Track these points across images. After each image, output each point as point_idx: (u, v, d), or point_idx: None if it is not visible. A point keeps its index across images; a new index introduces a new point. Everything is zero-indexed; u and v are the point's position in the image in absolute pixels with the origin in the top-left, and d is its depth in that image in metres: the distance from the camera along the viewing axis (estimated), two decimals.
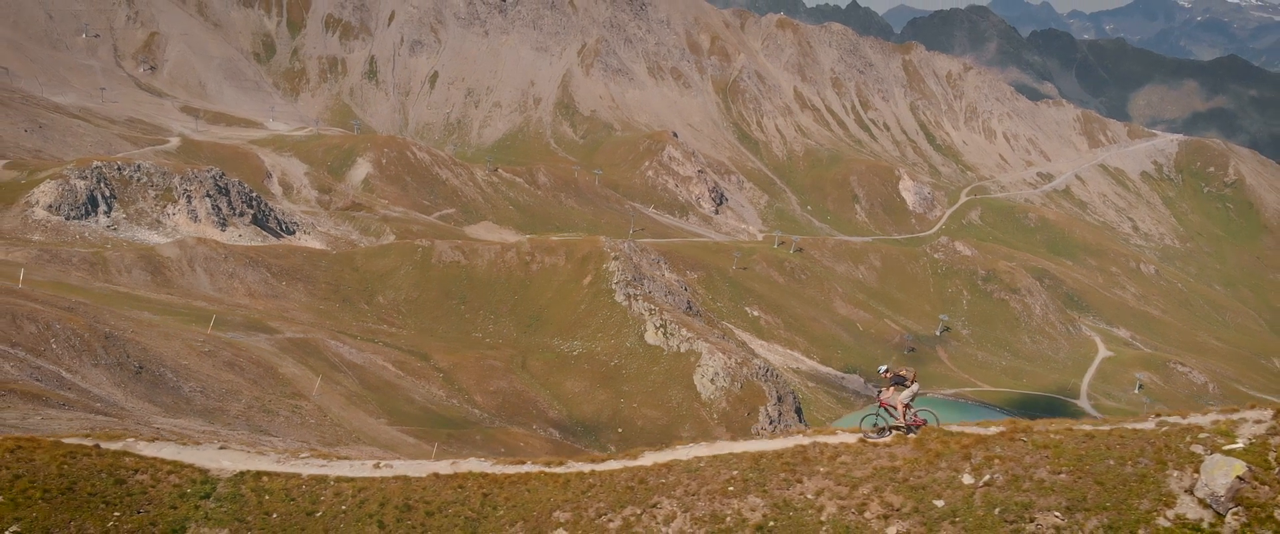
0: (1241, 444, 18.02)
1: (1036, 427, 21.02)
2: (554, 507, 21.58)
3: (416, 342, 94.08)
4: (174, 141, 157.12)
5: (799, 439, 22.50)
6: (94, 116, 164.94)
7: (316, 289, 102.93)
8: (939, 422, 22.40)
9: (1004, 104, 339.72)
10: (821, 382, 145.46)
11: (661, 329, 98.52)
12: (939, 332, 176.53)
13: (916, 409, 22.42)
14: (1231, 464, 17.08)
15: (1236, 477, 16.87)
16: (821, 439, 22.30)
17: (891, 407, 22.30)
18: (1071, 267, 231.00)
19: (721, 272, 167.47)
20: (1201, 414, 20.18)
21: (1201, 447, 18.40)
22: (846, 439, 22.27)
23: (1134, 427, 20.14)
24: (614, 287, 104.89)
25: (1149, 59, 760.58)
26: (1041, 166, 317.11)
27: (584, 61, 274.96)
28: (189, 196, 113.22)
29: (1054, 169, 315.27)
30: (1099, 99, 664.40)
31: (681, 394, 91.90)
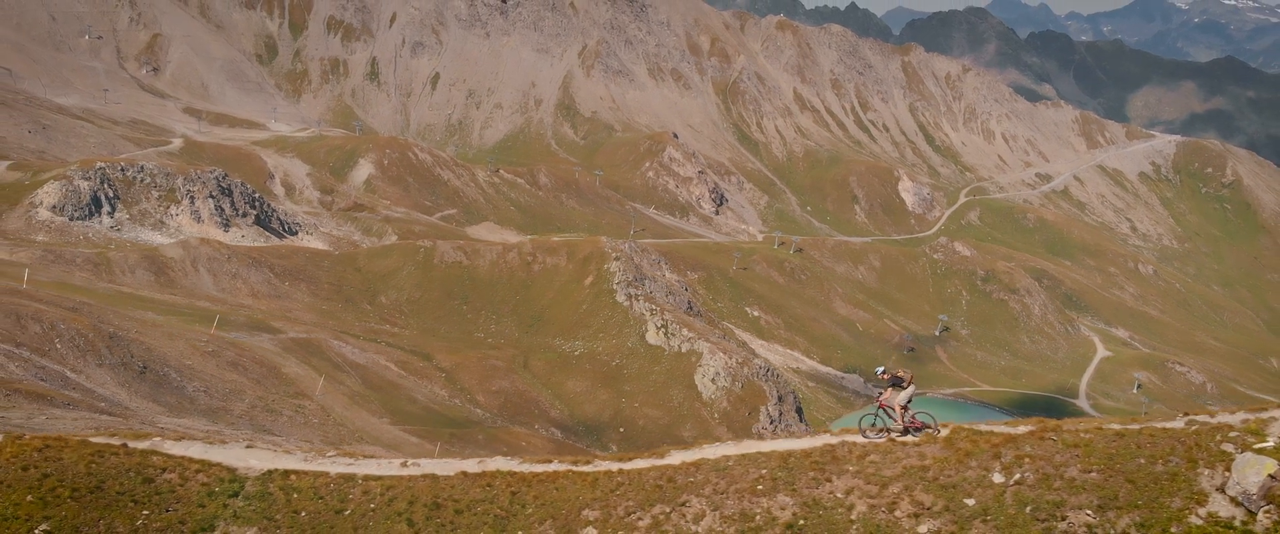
0: (1272, 442, 18.13)
1: (1066, 426, 21.13)
2: (583, 505, 21.63)
3: (419, 342, 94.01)
4: (177, 143, 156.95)
5: (827, 438, 22.59)
6: (97, 118, 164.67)
7: (319, 289, 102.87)
8: (936, 423, 22.34)
9: (1002, 105, 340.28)
10: (821, 381, 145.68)
11: (663, 329, 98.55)
12: (938, 332, 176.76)
13: (913, 411, 22.44)
14: (1263, 462, 17.17)
15: (1268, 475, 16.96)
16: (850, 438, 22.39)
17: (891, 408, 22.34)
18: (1070, 267, 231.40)
19: (722, 272, 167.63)
20: (1230, 413, 20.30)
21: (1232, 445, 18.50)
22: (875, 439, 22.35)
23: (1163, 425, 20.26)
24: (615, 287, 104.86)
25: (1146, 60, 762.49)
26: (1040, 167, 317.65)
27: (585, 63, 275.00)
28: (192, 197, 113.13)
29: (1052, 170, 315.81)
30: (1097, 100, 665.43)
31: (682, 394, 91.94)
